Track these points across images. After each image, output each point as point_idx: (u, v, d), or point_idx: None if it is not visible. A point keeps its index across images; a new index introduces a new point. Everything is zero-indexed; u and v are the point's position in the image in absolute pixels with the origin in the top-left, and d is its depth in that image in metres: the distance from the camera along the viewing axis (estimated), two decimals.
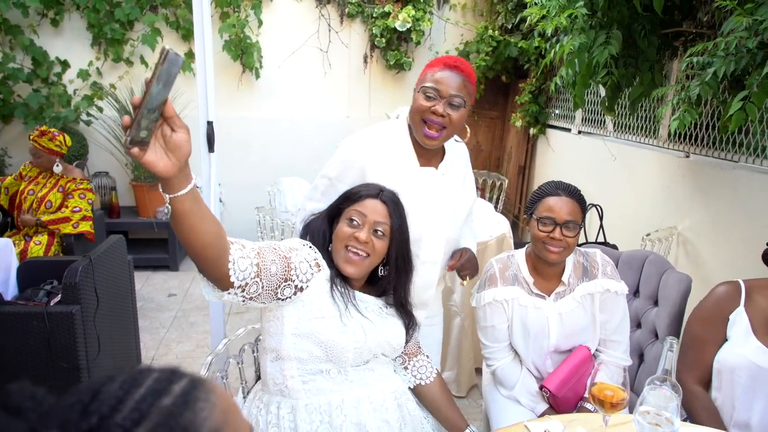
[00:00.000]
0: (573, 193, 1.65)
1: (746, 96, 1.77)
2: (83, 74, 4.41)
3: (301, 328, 1.31)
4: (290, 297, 1.28)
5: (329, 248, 1.42)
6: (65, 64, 4.39)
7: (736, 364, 1.50)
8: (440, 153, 1.67)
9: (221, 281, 1.12)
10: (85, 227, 3.28)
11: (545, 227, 1.61)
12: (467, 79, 1.54)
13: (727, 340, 1.56)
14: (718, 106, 2.49)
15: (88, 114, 4.44)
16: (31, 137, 3.20)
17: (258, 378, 1.64)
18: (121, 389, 0.47)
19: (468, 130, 1.67)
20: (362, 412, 1.35)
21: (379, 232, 1.39)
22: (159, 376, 0.50)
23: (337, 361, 1.33)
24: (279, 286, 1.24)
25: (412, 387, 1.54)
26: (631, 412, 1.44)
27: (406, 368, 1.56)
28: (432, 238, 1.63)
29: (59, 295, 2.41)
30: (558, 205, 1.61)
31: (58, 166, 3.30)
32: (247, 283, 1.16)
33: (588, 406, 1.61)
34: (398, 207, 1.44)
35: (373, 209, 1.40)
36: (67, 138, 3.31)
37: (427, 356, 1.60)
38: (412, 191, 1.57)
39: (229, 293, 1.15)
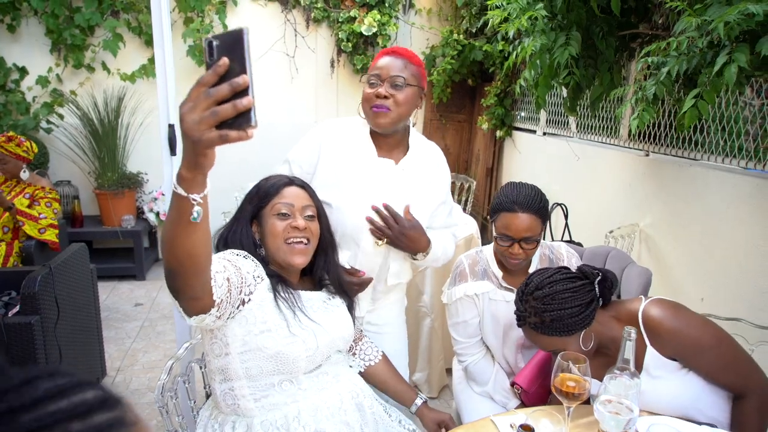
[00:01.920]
0: (530, 206, 1.62)
1: (698, 94, 1.82)
2: (42, 81, 4.30)
3: (247, 345, 1.26)
4: (234, 313, 1.22)
5: (260, 253, 1.39)
6: (23, 71, 4.28)
7: None
8: (403, 148, 1.67)
9: (200, 301, 1.06)
10: (51, 236, 3.22)
11: (504, 242, 1.64)
12: (408, 61, 1.57)
13: None
14: (674, 105, 2.57)
15: (48, 122, 4.33)
16: None
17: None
18: (46, 392, 0.44)
19: (419, 110, 1.67)
20: (320, 419, 1.32)
21: (310, 216, 1.40)
22: (87, 399, 0.45)
23: (289, 372, 1.30)
24: (235, 300, 1.19)
25: (362, 371, 1.55)
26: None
27: (354, 354, 1.58)
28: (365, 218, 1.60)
29: (17, 306, 2.34)
30: (514, 223, 1.61)
31: (25, 172, 3.27)
32: (222, 301, 1.11)
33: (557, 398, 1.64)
34: (312, 190, 1.46)
35: (296, 195, 1.40)
36: (34, 144, 3.29)
37: (369, 338, 1.63)
38: (363, 180, 1.59)
39: (209, 314, 1.09)
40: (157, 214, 4.46)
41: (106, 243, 4.62)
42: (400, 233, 1.56)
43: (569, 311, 1.36)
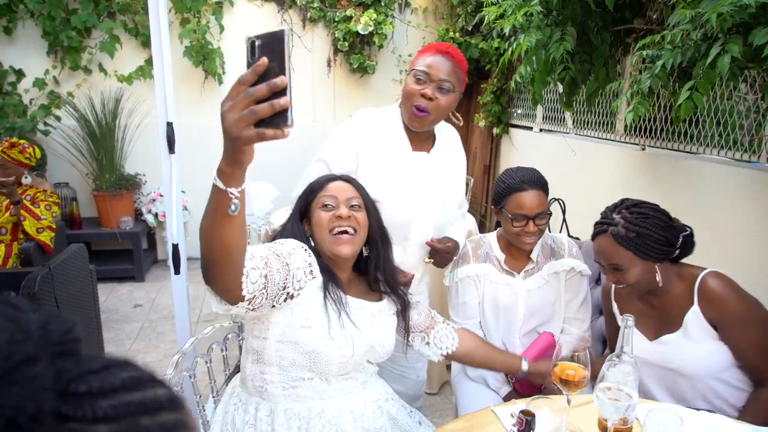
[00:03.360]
0: (537, 182, 1.70)
1: (693, 86, 1.84)
2: (39, 83, 4.30)
3: (286, 336, 1.28)
4: (281, 303, 1.24)
5: (312, 247, 1.40)
6: (20, 73, 4.28)
7: None
8: (431, 138, 1.71)
9: (231, 293, 1.08)
10: (46, 238, 3.22)
11: (519, 223, 1.67)
12: (457, 66, 1.58)
13: None
14: (670, 99, 2.59)
15: (46, 124, 4.33)
16: (0, 148, 3.15)
17: (229, 376, 1.62)
18: (123, 382, 0.44)
19: (460, 117, 1.74)
20: (342, 421, 1.34)
21: (356, 206, 1.41)
22: (158, 396, 0.46)
23: (321, 371, 1.31)
24: (277, 295, 1.21)
25: (443, 358, 1.55)
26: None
27: (428, 344, 1.55)
28: (422, 220, 1.67)
29: None
30: (527, 200, 1.66)
31: (26, 177, 3.30)
32: (254, 296, 1.13)
33: (552, 387, 1.66)
34: (359, 183, 1.47)
35: (340, 188, 1.42)
36: (37, 150, 3.32)
37: (445, 322, 1.59)
38: (404, 174, 1.63)
39: (237, 306, 1.12)
40: (156, 215, 4.47)
41: (105, 245, 4.62)
42: (450, 257, 1.73)
43: (655, 236, 1.44)
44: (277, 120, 0.80)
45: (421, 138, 1.68)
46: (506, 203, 1.69)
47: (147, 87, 4.45)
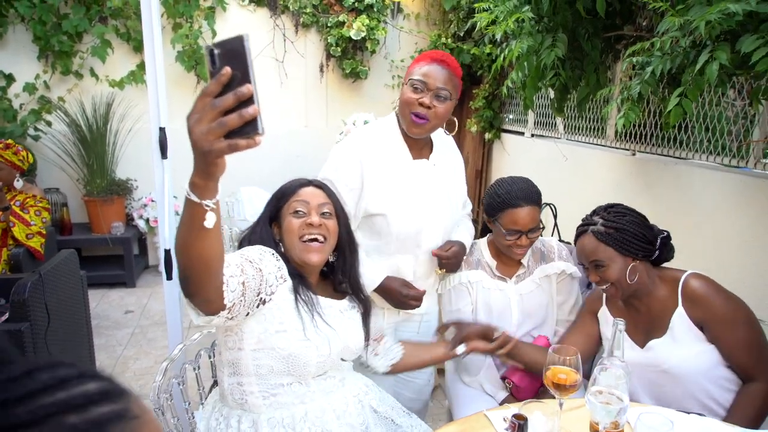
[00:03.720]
0: (531, 198, 1.71)
1: (682, 92, 1.86)
2: (30, 88, 4.27)
3: (262, 343, 1.28)
4: (254, 310, 1.23)
5: (281, 251, 1.40)
6: (10, 78, 4.25)
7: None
8: (429, 145, 1.74)
9: (212, 304, 1.07)
10: (36, 244, 3.20)
11: (512, 237, 1.69)
12: (453, 73, 1.61)
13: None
14: (659, 105, 2.61)
15: (36, 129, 4.30)
16: None
17: (209, 390, 1.61)
18: (44, 384, 0.43)
19: (456, 122, 1.75)
20: (327, 422, 1.34)
21: (327, 213, 1.41)
22: (87, 391, 0.44)
23: (299, 374, 1.31)
24: (252, 302, 1.20)
25: (389, 370, 1.57)
26: None
27: (377, 354, 1.58)
28: (432, 227, 1.69)
29: (7, 314, 2.32)
30: (521, 216, 1.68)
31: (18, 181, 3.29)
32: (234, 304, 1.12)
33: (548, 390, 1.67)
34: (330, 189, 1.48)
35: (312, 194, 1.42)
36: (30, 155, 3.34)
37: (388, 336, 1.64)
38: (408, 183, 1.65)
39: (218, 316, 1.11)
40: (147, 220, 4.45)
41: (96, 250, 4.59)
42: (458, 261, 1.76)
43: (632, 232, 1.53)
44: (247, 129, 0.78)
45: (420, 145, 1.71)
46: (500, 217, 1.70)
47: (138, 92, 4.44)
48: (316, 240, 1.37)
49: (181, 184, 0.97)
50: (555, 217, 3.25)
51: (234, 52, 0.77)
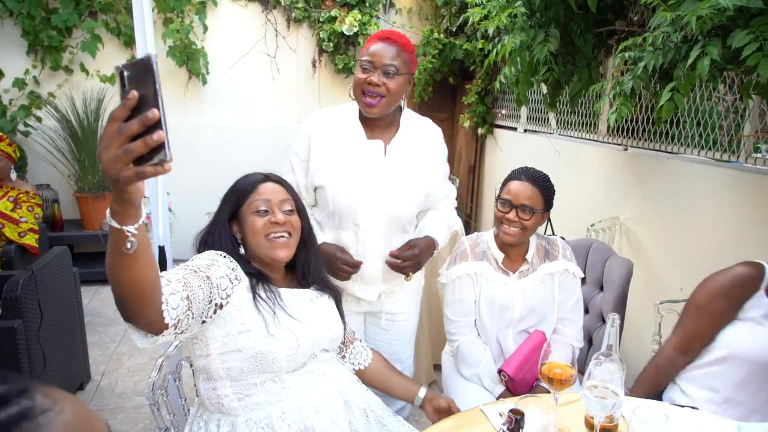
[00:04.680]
0: (535, 179, 1.75)
1: (674, 87, 1.87)
2: (19, 83, 4.23)
3: (227, 346, 1.26)
4: (211, 316, 1.21)
5: (240, 252, 1.39)
6: None
7: (748, 352, 1.45)
8: (394, 128, 1.73)
9: (154, 325, 1.04)
10: (31, 240, 3.19)
11: (503, 208, 1.74)
12: (401, 48, 1.62)
13: (735, 320, 1.51)
14: (651, 100, 2.63)
15: (26, 124, 4.26)
16: None
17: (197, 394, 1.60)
18: None
19: (405, 99, 1.78)
20: (307, 418, 1.32)
21: (288, 209, 1.40)
22: None
23: (271, 371, 1.30)
24: (204, 311, 1.18)
25: (354, 373, 1.57)
26: None
27: (343, 357, 1.58)
28: (371, 208, 1.67)
29: (0, 311, 2.30)
30: (517, 189, 1.73)
31: (13, 172, 3.29)
32: (179, 320, 1.09)
33: (544, 385, 1.68)
34: (288, 184, 1.47)
35: (273, 191, 1.40)
36: (18, 149, 3.34)
37: (360, 340, 1.64)
38: (354, 160, 1.67)
39: (163, 335, 1.07)
40: None
41: (88, 247, 4.56)
42: (417, 263, 1.70)
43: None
44: (155, 155, 0.75)
45: (380, 127, 1.71)
46: (501, 191, 1.78)
47: None
48: (282, 236, 1.37)
49: (173, 180, 0.96)
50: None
51: (142, 75, 0.74)
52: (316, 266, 1.51)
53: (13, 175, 3.32)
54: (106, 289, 4.24)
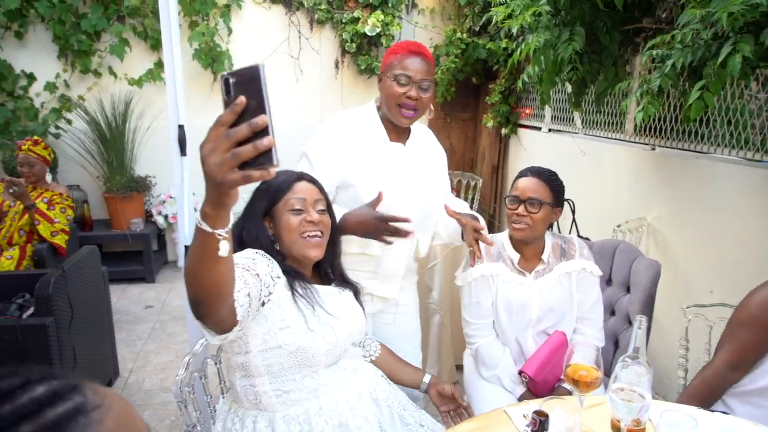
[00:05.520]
0: (541, 173, 1.79)
1: (704, 85, 1.83)
2: (50, 87, 4.34)
3: (268, 343, 1.28)
4: (255, 314, 1.23)
5: (276, 248, 1.40)
6: (31, 77, 4.32)
7: None
8: (407, 132, 1.81)
9: (224, 322, 1.06)
10: (60, 241, 3.27)
11: (512, 205, 1.77)
12: (430, 63, 1.70)
13: None
14: (680, 99, 2.58)
15: (57, 127, 4.37)
16: (24, 148, 3.26)
17: (222, 390, 1.61)
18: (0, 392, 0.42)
19: (433, 108, 1.83)
20: (342, 414, 1.34)
21: (321, 209, 1.43)
22: (35, 397, 0.43)
23: (309, 365, 1.32)
24: (255, 307, 1.20)
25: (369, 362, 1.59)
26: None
27: (363, 347, 1.63)
28: (400, 207, 1.68)
29: (32, 308, 2.37)
30: (524, 184, 1.77)
31: (48, 174, 3.40)
32: (244, 317, 1.12)
33: (565, 386, 1.66)
34: (320, 184, 1.49)
35: (307, 190, 1.43)
36: (51, 151, 3.45)
37: (366, 333, 1.66)
38: (382, 163, 1.71)
39: (232, 332, 1.10)
40: (166, 216, 4.50)
41: (116, 246, 4.65)
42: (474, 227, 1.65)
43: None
44: (262, 160, 0.76)
45: (399, 131, 1.78)
46: (510, 190, 1.81)
47: (157, 89, 4.49)
48: (316, 236, 1.40)
49: (198, 181, 0.97)
50: (573, 212, 3.22)
51: (249, 82, 0.76)
52: (338, 264, 1.56)
53: (48, 178, 3.41)
54: (133, 287, 4.33)
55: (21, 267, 3.12)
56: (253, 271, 1.22)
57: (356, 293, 1.55)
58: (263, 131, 0.75)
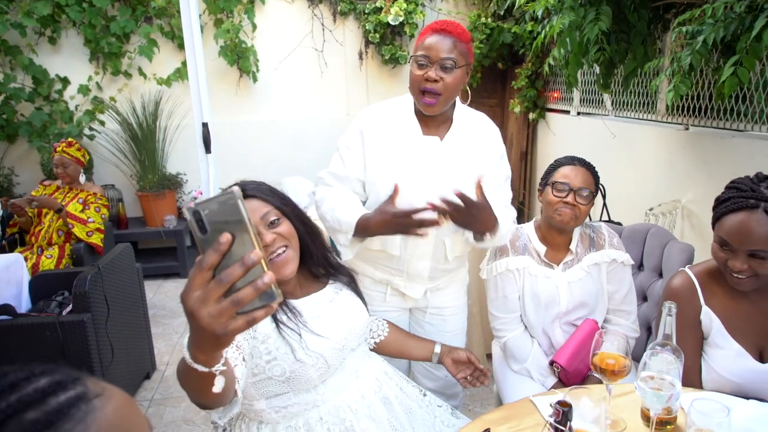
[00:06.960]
0: (588, 165, 1.74)
1: (737, 60, 1.76)
2: (84, 89, 4.46)
3: (257, 376, 1.25)
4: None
5: None
6: (65, 81, 4.45)
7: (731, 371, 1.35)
8: (447, 123, 1.65)
9: (226, 402, 1.02)
10: (97, 240, 3.37)
11: (560, 192, 1.67)
12: (457, 39, 1.52)
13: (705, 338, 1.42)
14: (713, 76, 2.48)
15: (91, 128, 4.50)
16: (59, 149, 3.39)
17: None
18: (7, 384, 0.46)
19: (468, 91, 1.68)
20: (345, 419, 1.32)
21: (275, 221, 1.30)
22: (39, 386, 0.46)
23: (305, 388, 1.29)
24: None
25: (372, 348, 1.55)
26: None
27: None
28: (423, 204, 1.54)
29: (71, 306, 2.45)
30: (573, 173, 1.69)
31: (82, 175, 3.50)
32: (239, 381, 1.09)
33: (597, 376, 1.62)
34: (261, 187, 1.36)
35: (252, 210, 1.28)
36: (86, 151, 3.55)
37: (371, 313, 1.57)
38: (410, 156, 1.59)
39: (233, 402, 1.07)
40: None
41: (151, 243, 4.78)
42: (468, 215, 1.45)
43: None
44: (262, 297, 0.67)
45: (436, 122, 1.63)
46: (553, 176, 1.72)
47: (185, 88, 4.56)
48: (280, 253, 1.29)
49: (226, 176, 0.94)
50: (604, 197, 3.15)
51: (227, 212, 0.67)
52: (323, 255, 1.44)
53: (82, 179, 3.51)
54: (168, 282, 4.43)
55: (60, 266, 3.23)
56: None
57: (352, 281, 1.48)
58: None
